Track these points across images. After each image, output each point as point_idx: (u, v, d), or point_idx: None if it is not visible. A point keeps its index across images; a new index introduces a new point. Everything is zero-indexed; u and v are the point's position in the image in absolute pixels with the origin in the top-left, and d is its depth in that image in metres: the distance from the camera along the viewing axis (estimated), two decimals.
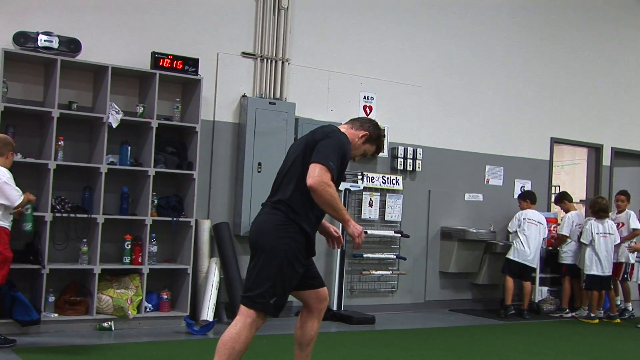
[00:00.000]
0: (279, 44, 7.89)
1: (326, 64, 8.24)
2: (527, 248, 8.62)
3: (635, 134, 11.21)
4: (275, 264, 3.95)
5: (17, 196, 5.58)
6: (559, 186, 11.87)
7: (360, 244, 4.10)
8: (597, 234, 8.63)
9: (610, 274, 8.71)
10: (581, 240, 8.74)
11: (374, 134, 4.36)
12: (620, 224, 9.01)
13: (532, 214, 8.76)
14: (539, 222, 8.73)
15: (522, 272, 8.69)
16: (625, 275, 8.88)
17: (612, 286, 8.84)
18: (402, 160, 8.65)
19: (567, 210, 9.27)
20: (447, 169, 9.15)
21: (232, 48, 7.64)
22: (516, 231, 8.73)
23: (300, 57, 8.04)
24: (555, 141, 10.24)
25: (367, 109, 8.54)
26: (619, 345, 7.11)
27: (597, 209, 8.75)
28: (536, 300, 9.17)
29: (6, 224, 5.65)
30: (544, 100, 10.07)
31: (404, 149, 8.68)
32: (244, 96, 7.61)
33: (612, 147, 10.92)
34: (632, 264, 8.89)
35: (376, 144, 4.41)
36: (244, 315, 3.94)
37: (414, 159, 8.75)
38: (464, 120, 9.34)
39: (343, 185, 7.99)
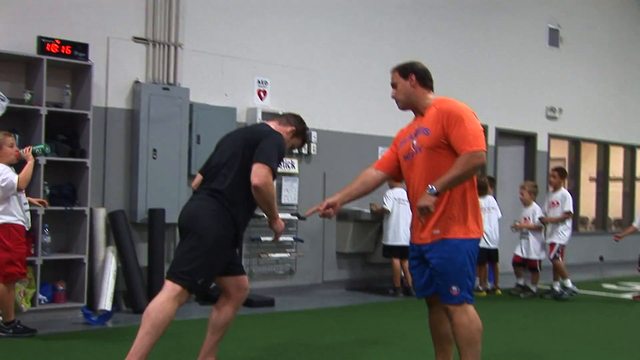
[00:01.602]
0: (171, 29, 7.80)
1: (220, 49, 8.22)
2: (402, 228, 8.58)
3: (516, 114, 11.80)
4: (206, 246, 4.15)
5: (7, 180, 5.58)
6: None
7: (279, 235, 4.58)
8: (484, 208, 9.00)
9: (497, 247, 9.12)
10: None
11: (299, 128, 4.68)
12: (555, 202, 8.93)
13: (402, 193, 8.57)
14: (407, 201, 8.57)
15: (402, 252, 8.72)
16: (557, 254, 8.82)
17: (497, 260, 9.25)
18: None
19: None
20: (341, 151, 9.35)
21: (123, 33, 7.49)
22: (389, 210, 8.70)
23: (193, 42, 7.98)
24: None
25: (262, 94, 8.60)
26: (501, 315, 7.54)
27: (477, 185, 9.09)
28: None
29: (15, 219, 5.71)
30: (436, 85, 10.40)
31: None
32: (136, 82, 7.50)
33: (495, 127, 11.47)
34: (564, 245, 8.90)
35: (302, 137, 4.74)
36: (169, 290, 4.09)
37: (309, 142, 8.89)
38: (357, 103, 9.56)
39: None
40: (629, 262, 12.22)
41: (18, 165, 5.86)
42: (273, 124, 4.63)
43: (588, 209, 14.06)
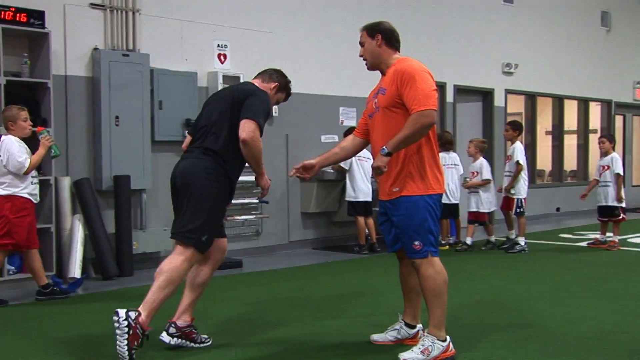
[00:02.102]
0: None
1: (178, 13, 8.19)
2: (363, 184, 8.86)
3: (474, 71, 11.99)
4: (207, 204, 4.30)
5: (19, 165, 5.73)
6: None
7: (266, 192, 4.67)
8: (444, 165, 9.18)
9: (457, 202, 9.36)
10: None
11: (282, 82, 4.80)
12: (509, 156, 9.18)
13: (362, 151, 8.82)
14: (368, 159, 8.69)
15: (365, 208, 8.99)
16: (519, 210, 9.02)
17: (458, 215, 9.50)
18: None
19: None
20: (303, 112, 9.43)
21: None
22: (350, 168, 8.86)
23: (151, 7, 7.93)
24: None
25: (222, 57, 8.60)
26: (464, 267, 7.79)
27: (443, 141, 9.24)
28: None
29: (24, 193, 5.85)
30: None
31: None
32: (95, 49, 7.45)
33: (454, 85, 11.65)
34: (524, 198, 9.11)
35: (285, 91, 4.85)
36: (181, 251, 4.26)
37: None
38: (317, 65, 9.62)
39: None
40: (585, 212, 12.65)
41: (29, 140, 6.01)
42: (257, 82, 4.73)
43: (545, 161, 14.42)
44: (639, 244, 9.68)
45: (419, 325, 4.49)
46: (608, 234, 9.32)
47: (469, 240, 9.14)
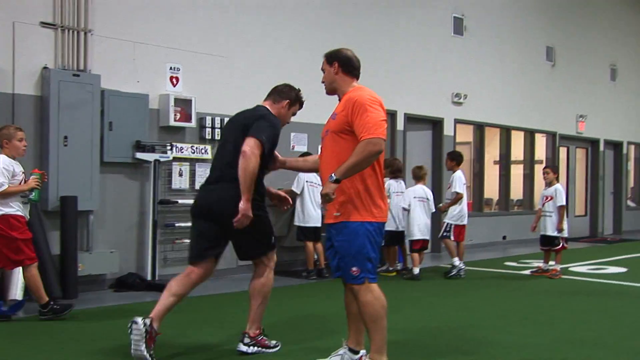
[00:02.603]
0: (80, 14, 7.69)
1: (131, 35, 8.17)
2: (313, 210, 8.95)
3: (424, 100, 12.20)
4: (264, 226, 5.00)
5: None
6: None
7: (241, 223, 4.71)
8: (393, 192, 9.33)
9: (404, 229, 9.44)
10: None
11: (292, 96, 5.18)
12: (448, 185, 9.52)
13: (313, 176, 8.88)
14: (318, 185, 8.72)
15: (315, 233, 9.07)
16: (445, 233, 9.31)
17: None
18: (210, 130, 8.84)
19: None
20: None
21: (29, 17, 7.33)
22: (301, 193, 8.97)
23: (103, 28, 7.90)
24: None
25: (174, 80, 8.60)
26: (410, 294, 7.89)
27: (393, 169, 9.42)
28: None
29: (13, 210, 5.92)
30: None
31: (212, 118, 8.87)
32: (45, 68, 7.38)
33: (404, 113, 11.84)
34: (455, 224, 9.34)
35: (298, 102, 5.22)
36: (268, 263, 5.10)
37: (222, 128, 8.96)
38: (268, 90, 9.64)
39: (152, 157, 8.05)
40: (530, 240, 12.92)
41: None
42: (268, 104, 5.09)
43: (492, 190, 14.71)
44: (581, 272, 9.94)
45: (362, 351, 4.53)
46: (550, 263, 9.54)
47: (416, 270, 9.17)
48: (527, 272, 9.87)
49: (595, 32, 16.94)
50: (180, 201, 8.44)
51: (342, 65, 4.46)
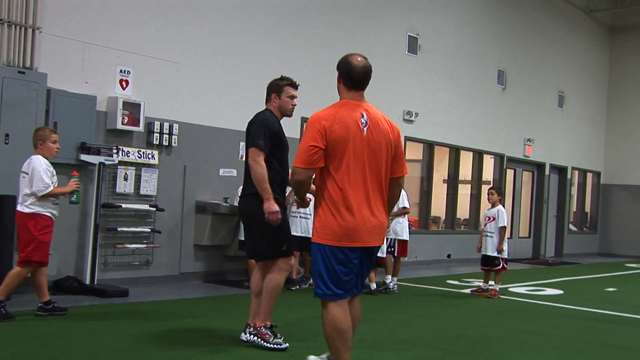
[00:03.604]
0: (28, 10, 7.57)
1: (82, 35, 8.07)
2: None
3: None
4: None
5: (41, 188, 6.04)
6: None
7: (272, 220, 5.19)
8: None
9: None
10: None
11: (275, 86, 5.57)
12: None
13: None
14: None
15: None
16: (390, 250, 9.42)
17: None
18: (158, 135, 8.78)
19: None
20: (202, 144, 9.43)
21: None
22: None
23: (53, 26, 7.79)
24: (305, 121, 10.97)
25: (124, 83, 8.52)
26: None
27: None
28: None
29: (45, 211, 6.14)
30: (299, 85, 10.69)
31: (160, 124, 8.81)
32: None
33: None
34: (399, 239, 9.48)
35: (284, 87, 5.56)
36: (279, 264, 5.43)
37: (170, 134, 8.91)
38: (221, 98, 9.67)
39: (97, 159, 7.95)
40: (474, 259, 13.10)
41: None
42: (267, 106, 5.60)
43: (439, 209, 14.90)
44: (519, 293, 10.13)
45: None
46: (490, 283, 9.69)
47: (373, 286, 9.20)
48: (468, 291, 10.01)
49: (545, 59, 17.36)
50: (124, 205, 8.35)
51: (342, 74, 4.47)
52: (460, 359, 5.58)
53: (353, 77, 4.37)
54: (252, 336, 5.47)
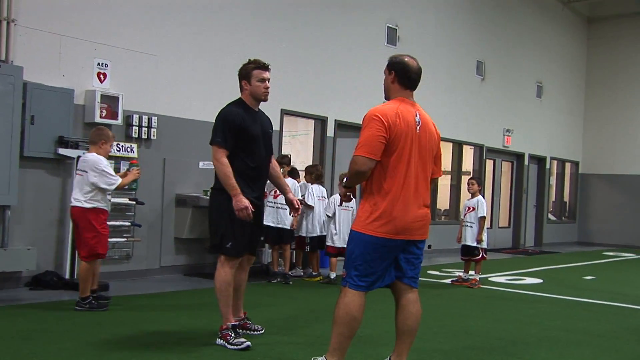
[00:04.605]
0: (2, 2, 7.53)
1: (58, 27, 8.00)
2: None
3: (354, 107, 12.33)
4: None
5: (112, 182, 6.45)
6: (290, 155, 12.66)
7: (242, 216, 5.06)
8: (316, 197, 9.45)
9: (325, 234, 9.52)
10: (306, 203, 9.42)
11: (242, 73, 5.43)
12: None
13: None
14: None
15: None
16: None
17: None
18: (137, 128, 8.73)
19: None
20: (182, 137, 9.39)
21: None
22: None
23: (28, 18, 7.72)
24: (285, 112, 10.96)
25: (101, 76, 8.46)
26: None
27: (317, 175, 9.58)
28: (265, 262, 9.79)
29: (103, 205, 6.50)
30: (277, 75, 10.62)
31: (139, 117, 8.76)
32: None
33: (335, 119, 11.94)
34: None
35: (253, 70, 5.38)
36: (224, 261, 5.30)
37: (149, 127, 8.87)
38: (200, 91, 9.63)
39: (75, 153, 7.89)
40: (454, 250, 13.18)
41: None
42: (241, 95, 5.44)
43: None
44: (499, 282, 10.22)
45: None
46: (470, 272, 9.77)
47: (332, 275, 9.22)
48: (448, 281, 10.07)
49: (523, 50, 17.47)
50: None
51: (399, 75, 4.47)
52: (441, 349, 5.63)
53: (411, 77, 4.51)
54: (218, 339, 5.30)
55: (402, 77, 4.47)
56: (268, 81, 5.43)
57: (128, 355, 4.97)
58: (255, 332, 5.62)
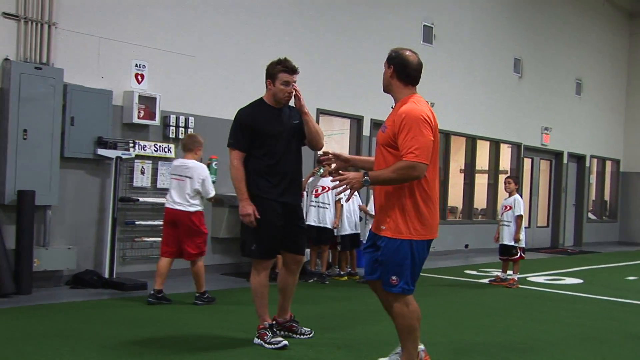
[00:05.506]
0: (44, 6, 7.62)
1: (97, 30, 8.10)
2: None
3: (390, 106, 12.25)
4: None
5: (212, 191, 7.06)
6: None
7: (245, 222, 5.17)
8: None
9: (358, 231, 9.49)
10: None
11: (269, 72, 5.32)
12: None
13: None
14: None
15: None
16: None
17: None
18: (174, 128, 8.80)
19: None
20: (218, 137, 9.39)
21: None
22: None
23: (68, 21, 7.83)
24: (321, 112, 10.95)
25: (139, 77, 8.55)
26: (364, 299, 7.91)
27: None
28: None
29: (202, 207, 7.07)
30: (313, 75, 10.67)
31: (176, 117, 8.84)
32: (6, 59, 7.29)
33: (371, 119, 11.90)
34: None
35: (279, 72, 5.26)
36: (255, 265, 5.37)
37: (186, 127, 8.93)
38: (236, 90, 9.65)
39: (114, 153, 7.99)
40: (492, 249, 13.04)
41: None
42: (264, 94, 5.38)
43: (457, 199, 14.83)
44: (538, 282, 10.08)
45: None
46: (508, 272, 9.65)
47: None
48: (486, 280, 9.97)
49: (562, 46, 17.20)
50: (141, 199, 8.40)
51: (397, 70, 4.35)
52: (480, 349, 5.56)
53: (410, 73, 4.37)
54: (256, 338, 5.35)
55: (400, 72, 4.34)
56: (291, 85, 5.26)
57: (167, 352, 5.01)
58: (301, 337, 5.56)
